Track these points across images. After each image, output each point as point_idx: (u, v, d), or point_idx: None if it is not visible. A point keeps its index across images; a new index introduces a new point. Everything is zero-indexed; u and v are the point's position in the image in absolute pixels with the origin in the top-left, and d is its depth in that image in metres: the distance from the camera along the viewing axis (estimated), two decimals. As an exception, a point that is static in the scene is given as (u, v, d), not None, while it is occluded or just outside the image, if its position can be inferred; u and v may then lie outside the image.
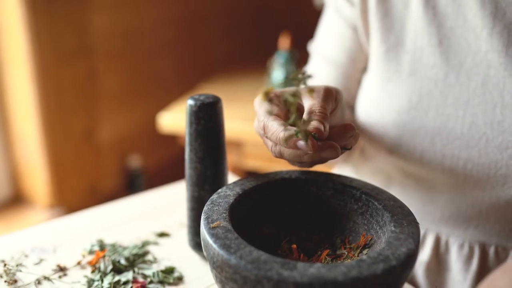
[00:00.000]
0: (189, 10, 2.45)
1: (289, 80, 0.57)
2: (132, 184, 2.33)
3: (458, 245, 0.74)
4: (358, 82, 0.84)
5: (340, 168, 0.94)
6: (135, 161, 2.33)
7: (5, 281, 0.64)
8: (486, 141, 0.68)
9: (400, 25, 0.74)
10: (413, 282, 0.78)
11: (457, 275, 0.75)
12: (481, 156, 0.68)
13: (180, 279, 0.65)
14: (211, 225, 0.50)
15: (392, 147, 0.75)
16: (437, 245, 0.76)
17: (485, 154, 0.68)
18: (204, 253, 0.50)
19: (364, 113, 0.79)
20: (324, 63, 0.86)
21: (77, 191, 2.12)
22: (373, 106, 0.77)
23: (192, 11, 2.47)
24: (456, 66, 0.69)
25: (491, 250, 0.73)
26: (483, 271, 0.73)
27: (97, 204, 0.85)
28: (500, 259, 0.72)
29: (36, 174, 1.99)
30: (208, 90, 2.00)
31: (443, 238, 0.76)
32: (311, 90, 0.56)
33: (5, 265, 0.67)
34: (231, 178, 0.87)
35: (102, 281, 0.64)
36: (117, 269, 0.66)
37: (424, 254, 0.77)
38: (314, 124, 0.54)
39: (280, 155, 0.58)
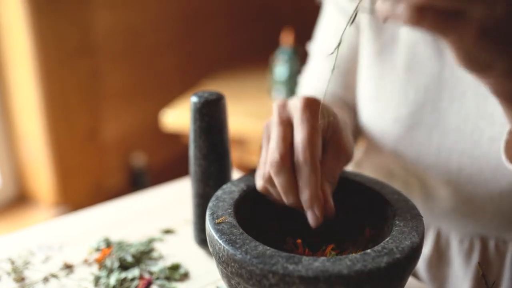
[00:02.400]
0: (191, 7, 2.45)
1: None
2: (136, 182, 2.34)
3: (459, 239, 0.75)
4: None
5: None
6: (139, 159, 2.33)
7: (13, 279, 0.64)
8: (479, 134, 0.68)
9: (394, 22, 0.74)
10: (415, 276, 0.79)
11: (458, 270, 0.75)
12: (475, 148, 0.69)
13: (186, 275, 0.66)
14: (216, 221, 0.51)
15: (393, 143, 0.75)
16: (438, 240, 0.77)
17: (478, 146, 0.68)
18: (210, 248, 0.50)
19: (364, 110, 0.80)
20: (325, 60, 0.86)
21: (82, 189, 2.13)
22: (371, 103, 0.78)
23: (195, 9, 2.47)
24: (450, 60, 0.69)
25: (491, 244, 0.73)
26: (484, 265, 0.73)
27: (101, 202, 0.86)
28: (501, 252, 0.73)
29: (41, 172, 2.00)
30: (211, 87, 2.00)
31: (443, 233, 0.76)
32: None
33: (12, 263, 0.67)
34: (235, 175, 0.87)
35: (109, 277, 0.64)
36: (124, 266, 0.67)
37: (426, 249, 0.77)
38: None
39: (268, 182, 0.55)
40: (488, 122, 0.67)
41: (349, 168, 0.91)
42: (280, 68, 1.85)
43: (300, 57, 1.84)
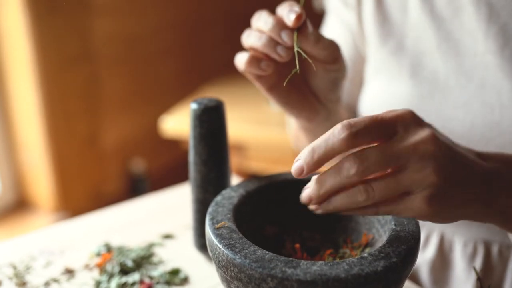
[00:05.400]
0: (190, 14, 2.46)
1: None
2: (135, 188, 2.34)
3: (463, 243, 0.75)
4: (360, 85, 0.86)
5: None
6: (138, 165, 2.34)
7: (15, 284, 0.65)
8: (486, 142, 0.68)
9: (399, 30, 0.75)
10: (417, 280, 0.79)
11: (461, 274, 0.75)
12: None
13: (185, 279, 0.67)
14: (216, 226, 0.51)
15: None
16: (441, 244, 0.77)
17: None
18: (210, 253, 0.51)
19: (366, 115, 0.80)
20: None
21: (81, 195, 2.13)
22: (375, 110, 0.78)
23: (193, 15, 2.48)
24: (455, 68, 0.70)
25: (495, 249, 0.73)
26: (487, 270, 0.74)
27: (101, 208, 0.86)
28: (504, 257, 0.73)
29: (41, 179, 2.01)
30: (210, 93, 2.01)
31: (447, 237, 0.76)
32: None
33: (14, 267, 0.68)
34: (235, 180, 0.88)
35: (109, 282, 0.65)
36: (124, 271, 0.67)
37: (429, 253, 0.77)
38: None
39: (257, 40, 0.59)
40: (496, 131, 0.67)
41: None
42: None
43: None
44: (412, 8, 0.73)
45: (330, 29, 0.87)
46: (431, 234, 0.77)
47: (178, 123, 1.84)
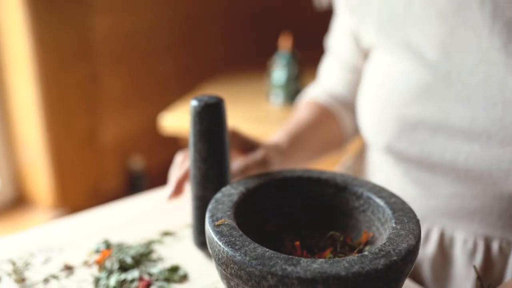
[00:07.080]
0: (189, 11, 2.46)
1: None
2: (134, 185, 2.34)
3: (463, 239, 0.75)
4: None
5: (340, 170, 0.96)
6: (137, 163, 2.34)
7: (14, 280, 0.65)
8: (488, 136, 0.68)
9: (404, 26, 0.76)
10: (418, 276, 0.79)
11: (461, 270, 0.76)
12: (483, 150, 0.69)
13: (185, 276, 0.67)
14: (216, 223, 0.51)
15: (392, 141, 0.76)
16: (442, 240, 0.77)
17: (487, 148, 0.69)
18: (209, 250, 0.51)
19: (365, 107, 0.81)
20: (336, 63, 0.94)
21: (80, 192, 2.13)
22: (374, 101, 0.79)
23: (193, 13, 2.48)
24: (458, 64, 0.71)
25: (495, 245, 0.73)
26: (487, 266, 0.74)
27: (99, 205, 0.86)
28: (504, 253, 0.73)
29: (39, 176, 2.01)
30: (209, 91, 2.01)
31: (448, 233, 0.76)
32: None
33: (13, 264, 0.68)
34: (234, 177, 0.88)
35: (108, 279, 0.65)
36: (123, 268, 0.67)
37: (429, 249, 0.78)
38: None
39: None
40: (498, 126, 0.67)
41: (347, 171, 0.92)
42: (278, 73, 1.86)
43: (298, 62, 1.85)
44: (416, 4, 0.74)
45: (337, 32, 0.92)
46: (431, 230, 0.78)
47: (177, 120, 1.84)
